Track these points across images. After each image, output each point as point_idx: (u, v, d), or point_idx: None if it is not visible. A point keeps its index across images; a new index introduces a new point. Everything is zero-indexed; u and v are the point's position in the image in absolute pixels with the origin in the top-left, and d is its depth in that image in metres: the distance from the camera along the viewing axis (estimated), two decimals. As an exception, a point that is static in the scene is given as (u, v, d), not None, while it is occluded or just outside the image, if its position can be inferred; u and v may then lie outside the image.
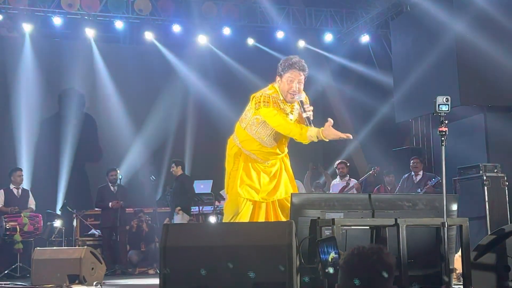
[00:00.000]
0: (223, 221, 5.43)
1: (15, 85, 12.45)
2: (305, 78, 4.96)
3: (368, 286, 2.26)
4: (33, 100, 12.58)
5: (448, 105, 4.53)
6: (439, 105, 4.53)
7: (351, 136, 4.67)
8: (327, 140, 4.71)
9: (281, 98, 4.94)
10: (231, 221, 5.03)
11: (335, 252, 2.93)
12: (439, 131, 4.56)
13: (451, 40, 10.46)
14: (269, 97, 4.89)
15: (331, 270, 2.91)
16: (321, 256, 2.96)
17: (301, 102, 4.89)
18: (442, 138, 4.54)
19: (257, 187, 5.04)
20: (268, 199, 5.06)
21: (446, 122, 4.58)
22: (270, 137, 5.00)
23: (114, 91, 13.04)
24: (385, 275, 2.27)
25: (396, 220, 4.13)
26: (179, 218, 10.40)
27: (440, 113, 4.54)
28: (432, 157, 12.35)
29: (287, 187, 5.11)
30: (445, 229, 4.21)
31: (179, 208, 10.58)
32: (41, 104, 12.80)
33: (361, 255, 2.30)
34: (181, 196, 10.76)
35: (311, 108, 4.90)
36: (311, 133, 4.66)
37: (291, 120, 4.93)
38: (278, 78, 4.98)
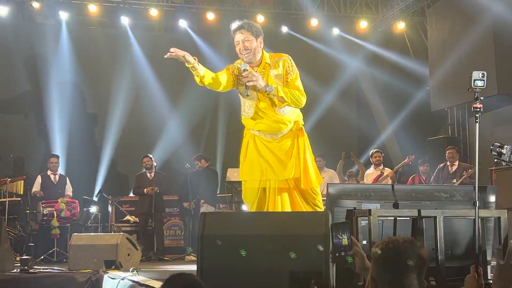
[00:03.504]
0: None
1: (51, 72, 12.56)
2: (251, 35, 5.08)
3: (404, 279, 2.28)
4: (67, 87, 12.69)
5: (484, 80, 4.35)
6: (474, 80, 4.36)
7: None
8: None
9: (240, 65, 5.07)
10: (252, 208, 5.04)
11: (347, 237, 2.94)
12: (473, 107, 4.38)
13: (489, 28, 10.31)
14: (228, 66, 5.19)
15: (342, 254, 2.92)
16: (333, 240, 2.97)
17: (244, 70, 4.94)
18: (477, 115, 4.37)
19: (258, 165, 5.02)
20: (275, 177, 5.00)
21: (482, 98, 4.42)
22: (245, 105, 5.13)
23: (151, 78, 13.10)
24: (420, 269, 2.31)
25: (433, 211, 4.11)
26: (203, 209, 10.52)
27: (476, 88, 4.38)
28: (468, 147, 12.20)
29: (296, 168, 4.99)
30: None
31: (203, 200, 10.91)
32: (76, 91, 12.87)
33: (398, 250, 2.32)
34: (206, 188, 11.02)
35: (249, 74, 4.89)
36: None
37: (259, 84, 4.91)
38: None
